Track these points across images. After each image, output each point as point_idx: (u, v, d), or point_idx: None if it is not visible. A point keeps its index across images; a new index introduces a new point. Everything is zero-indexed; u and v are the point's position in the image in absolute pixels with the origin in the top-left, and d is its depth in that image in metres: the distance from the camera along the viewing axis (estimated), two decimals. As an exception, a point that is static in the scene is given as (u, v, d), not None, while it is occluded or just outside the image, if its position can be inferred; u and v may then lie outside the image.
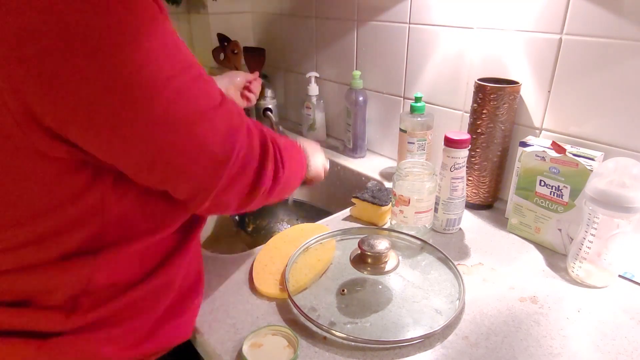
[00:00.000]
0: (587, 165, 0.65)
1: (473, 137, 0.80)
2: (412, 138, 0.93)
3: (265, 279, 0.64)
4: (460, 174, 0.74)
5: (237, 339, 0.55)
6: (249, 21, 1.46)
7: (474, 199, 0.85)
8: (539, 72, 0.77)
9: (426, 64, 0.95)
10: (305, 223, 0.81)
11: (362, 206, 0.82)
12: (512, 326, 0.56)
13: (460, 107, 0.92)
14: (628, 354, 0.52)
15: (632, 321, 0.58)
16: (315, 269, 0.66)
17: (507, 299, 0.61)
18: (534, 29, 0.75)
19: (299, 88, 1.35)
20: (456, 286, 0.63)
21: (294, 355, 0.51)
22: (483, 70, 0.85)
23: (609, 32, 0.67)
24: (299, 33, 1.28)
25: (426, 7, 0.91)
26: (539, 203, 0.72)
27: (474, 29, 0.84)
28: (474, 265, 0.69)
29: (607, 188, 0.58)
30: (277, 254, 0.70)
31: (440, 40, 0.91)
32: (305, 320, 0.57)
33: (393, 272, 0.61)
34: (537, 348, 0.53)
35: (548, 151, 0.69)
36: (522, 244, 0.75)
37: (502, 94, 0.76)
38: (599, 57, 0.69)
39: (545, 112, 0.78)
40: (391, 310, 0.59)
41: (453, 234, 0.78)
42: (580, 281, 0.65)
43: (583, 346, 0.53)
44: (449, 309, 0.59)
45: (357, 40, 1.10)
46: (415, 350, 0.53)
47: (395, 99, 1.06)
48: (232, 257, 0.71)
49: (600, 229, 0.61)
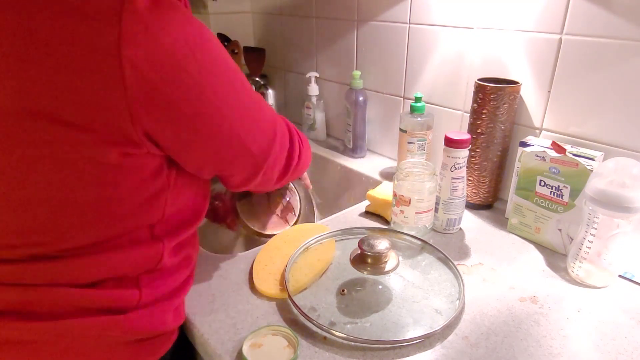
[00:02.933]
0: (587, 165, 0.65)
1: (473, 137, 0.80)
2: (412, 138, 0.93)
3: (265, 279, 0.64)
4: (461, 174, 0.74)
5: (237, 339, 0.55)
6: (249, 21, 1.46)
7: (474, 199, 0.85)
8: (539, 72, 0.77)
9: (426, 64, 0.95)
10: (305, 223, 0.81)
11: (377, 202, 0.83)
12: (512, 326, 0.56)
13: (460, 107, 0.92)
14: (628, 354, 0.52)
15: (632, 321, 0.58)
16: (315, 269, 0.66)
17: (507, 299, 0.61)
18: (534, 29, 0.75)
19: (299, 88, 1.35)
20: (456, 286, 0.63)
21: (294, 355, 0.51)
22: (483, 70, 0.85)
23: (609, 32, 0.67)
24: (299, 33, 1.28)
25: (426, 7, 0.91)
26: (539, 203, 0.72)
27: (474, 29, 0.84)
28: (474, 265, 0.69)
29: (607, 188, 0.58)
30: (277, 254, 0.70)
31: (440, 40, 0.91)
32: (305, 320, 0.57)
33: (393, 272, 0.61)
34: (537, 348, 0.53)
35: (548, 151, 0.69)
36: (522, 244, 0.75)
37: (502, 94, 0.76)
38: (599, 57, 0.69)
39: (545, 112, 0.78)
40: (391, 310, 0.59)
41: (453, 234, 0.78)
42: (580, 281, 0.65)
43: (583, 346, 0.53)
44: (449, 309, 0.59)
45: (357, 40, 1.10)
46: (415, 350, 0.53)
47: (395, 99, 1.06)
48: (232, 257, 0.72)
49: (600, 229, 0.61)
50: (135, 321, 0.50)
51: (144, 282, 0.52)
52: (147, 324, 0.51)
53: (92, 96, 0.41)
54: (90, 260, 0.48)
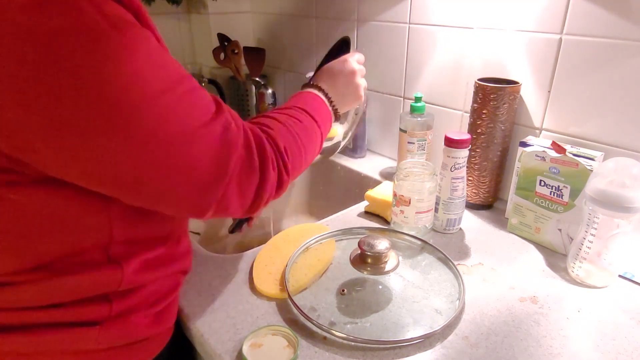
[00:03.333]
0: (587, 165, 0.65)
1: (473, 137, 0.80)
2: (412, 138, 0.93)
3: (265, 279, 0.64)
4: (461, 174, 0.74)
5: (237, 339, 0.55)
6: (249, 21, 1.46)
7: (474, 199, 0.85)
8: (539, 72, 0.77)
9: (426, 64, 0.95)
10: (306, 223, 0.81)
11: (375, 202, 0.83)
12: (512, 326, 0.56)
13: (460, 107, 0.92)
14: (628, 354, 0.52)
15: (632, 321, 0.58)
16: (315, 269, 0.66)
17: (507, 299, 0.61)
18: (534, 29, 0.75)
19: (299, 88, 1.35)
20: (456, 286, 0.63)
21: (294, 355, 0.51)
22: (483, 70, 0.85)
23: (609, 32, 0.67)
24: (299, 33, 1.28)
25: (426, 7, 0.91)
26: (539, 203, 0.72)
27: (474, 29, 0.84)
28: (474, 265, 0.69)
29: (607, 188, 0.58)
30: (277, 254, 0.70)
31: (440, 40, 0.91)
32: (305, 320, 0.57)
33: (393, 272, 0.61)
34: (537, 348, 0.53)
35: (548, 151, 0.69)
36: (522, 244, 0.75)
37: (502, 94, 0.76)
38: (599, 57, 0.69)
39: (545, 112, 0.78)
40: (391, 310, 0.59)
41: (453, 234, 0.78)
42: (580, 281, 0.65)
43: (583, 346, 0.53)
44: (449, 309, 0.59)
45: (357, 40, 1.10)
46: (415, 350, 0.53)
47: (395, 99, 1.06)
48: (232, 257, 0.71)
49: (600, 229, 0.61)
50: (110, 331, 0.48)
51: (114, 295, 0.48)
52: (123, 333, 0.49)
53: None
54: (43, 286, 0.45)
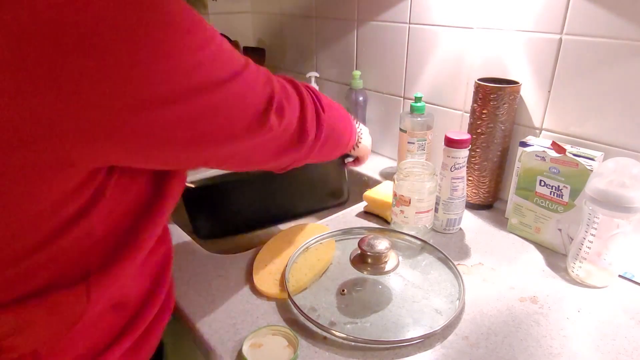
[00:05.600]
0: (587, 165, 0.65)
1: (473, 137, 0.80)
2: (412, 138, 0.93)
3: (265, 279, 0.64)
4: (461, 174, 0.74)
5: (237, 339, 0.55)
6: (249, 21, 1.46)
7: (474, 199, 0.85)
8: (539, 72, 0.77)
9: (426, 64, 0.95)
10: (305, 223, 0.81)
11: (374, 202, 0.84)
12: (512, 326, 0.56)
13: (460, 107, 0.92)
14: (628, 354, 0.52)
15: (632, 321, 0.58)
16: (315, 269, 0.66)
17: (507, 299, 0.61)
18: (534, 29, 0.75)
19: (299, 88, 1.35)
20: (456, 286, 0.63)
21: (294, 355, 0.51)
22: (483, 70, 0.85)
23: (609, 32, 0.67)
24: (299, 33, 1.28)
25: (426, 7, 0.91)
26: (539, 203, 0.72)
27: (474, 29, 0.84)
28: (474, 265, 0.69)
29: (607, 188, 0.58)
30: (277, 254, 0.70)
31: (440, 40, 0.91)
32: (305, 320, 0.57)
33: (393, 272, 0.61)
34: (537, 348, 0.53)
35: (548, 151, 0.69)
36: (522, 244, 0.75)
37: (502, 94, 0.76)
38: (599, 57, 0.69)
39: (545, 112, 0.78)
40: (391, 310, 0.59)
41: (453, 234, 0.78)
42: (580, 281, 0.65)
43: (583, 346, 0.53)
44: (449, 309, 0.59)
45: (357, 40, 1.10)
46: (415, 350, 0.53)
47: (395, 99, 1.06)
48: (232, 257, 0.72)
49: (600, 229, 0.61)
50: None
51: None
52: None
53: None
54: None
